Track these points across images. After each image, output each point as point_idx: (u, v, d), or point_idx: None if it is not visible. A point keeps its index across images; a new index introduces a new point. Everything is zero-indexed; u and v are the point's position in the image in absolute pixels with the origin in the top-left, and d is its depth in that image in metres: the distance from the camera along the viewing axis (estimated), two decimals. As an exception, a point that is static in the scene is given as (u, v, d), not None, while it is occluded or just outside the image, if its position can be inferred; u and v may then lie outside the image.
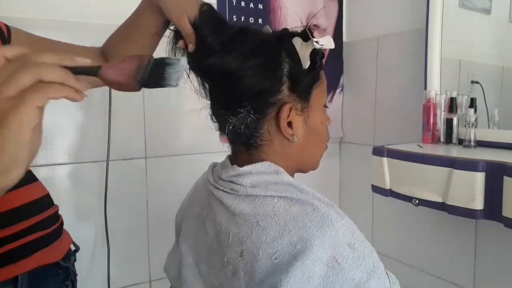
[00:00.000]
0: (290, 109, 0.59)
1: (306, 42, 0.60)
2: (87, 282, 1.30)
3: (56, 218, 0.72)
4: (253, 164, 0.60)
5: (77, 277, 0.79)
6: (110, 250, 1.28)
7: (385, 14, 1.58)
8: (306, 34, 0.60)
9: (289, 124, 0.60)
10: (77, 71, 0.42)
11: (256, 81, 0.57)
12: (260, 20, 1.54)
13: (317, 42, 0.60)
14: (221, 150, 1.57)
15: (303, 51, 0.60)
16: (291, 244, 0.51)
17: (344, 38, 1.76)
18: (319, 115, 0.65)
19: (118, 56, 0.75)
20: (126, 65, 0.47)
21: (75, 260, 0.76)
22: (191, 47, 0.60)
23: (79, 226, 1.30)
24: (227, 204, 0.59)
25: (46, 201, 0.73)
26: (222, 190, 0.61)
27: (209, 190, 0.64)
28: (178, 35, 0.65)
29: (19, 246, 0.61)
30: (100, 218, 1.28)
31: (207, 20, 0.60)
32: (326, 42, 0.61)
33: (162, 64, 0.47)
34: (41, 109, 0.37)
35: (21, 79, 0.36)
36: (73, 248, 0.75)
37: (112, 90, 1.26)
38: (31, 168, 0.73)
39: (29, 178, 0.71)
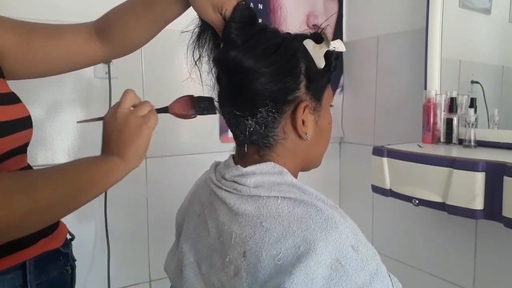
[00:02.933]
0: (305, 107, 0.60)
1: (319, 44, 0.61)
2: (87, 282, 1.30)
3: None
4: (257, 165, 0.60)
5: (78, 277, 0.82)
6: (110, 250, 1.28)
7: (385, 14, 1.58)
8: (318, 36, 0.62)
9: (303, 122, 0.61)
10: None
11: (278, 77, 0.58)
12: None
13: (329, 44, 0.61)
14: (221, 150, 1.58)
15: (316, 52, 0.61)
16: (295, 245, 0.51)
17: (344, 38, 1.76)
18: (328, 116, 0.66)
19: (123, 33, 0.74)
20: (183, 103, 0.66)
21: (72, 248, 0.82)
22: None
23: (79, 226, 1.30)
24: (230, 204, 0.58)
25: None
26: (225, 190, 0.61)
27: (211, 189, 0.64)
28: (205, 28, 0.66)
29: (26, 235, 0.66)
30: (100, 218, 1.28)
31: (239, 17, 0.61)
32: (337, 45, 0.63)
33: (203, 100, 0.66)
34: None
35: (146, 107, 0.62)
36: (69, 237, 0.81)
37: (112, 90, 1.26)
38: (34, 168, 0.74)
39: None
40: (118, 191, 1.31)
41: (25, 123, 0.67)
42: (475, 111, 1.18)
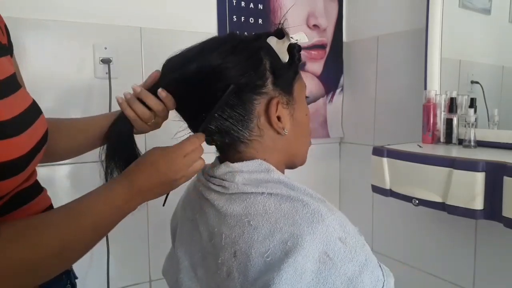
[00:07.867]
0: (278, 103, 0.60)
1: (282, 39, 0.62)
2: (86, 283, 1.30)
3: None
4: (244, 162, 0.61)
5: (77, 278, 0.80)
6: (110, 250, 1.28)
7: (385, 14, 1.58)
8: (279, 33, 0.63)
9: (278, 118, 0.61)
10: None
11: (241, 71, 0.58)
12: (260, 20, 1.54)
13: (291, 37, 0.62)
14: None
15: (279, 47, 0.62)
16: (283, 241, 0.51)
17: (344, 38, 1.76)
18: (303, 107, 0.67)
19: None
20: None
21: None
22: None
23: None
24: (218, 206, 0.59)
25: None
26: (213, 190, 0.61)
27: (200, 192, 0.65)
28: None
29: None
30: (100, 218, 1.28)
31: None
32: (300, 37, 0.64)
33: None
34: None
35: (196, 155, 0.64)
36: None
37: (112, 90, 1.26)
38: (36, 169, 0.72)
39: (38, 189, 0.69)
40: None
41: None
42: (475, 111, 1.18)
